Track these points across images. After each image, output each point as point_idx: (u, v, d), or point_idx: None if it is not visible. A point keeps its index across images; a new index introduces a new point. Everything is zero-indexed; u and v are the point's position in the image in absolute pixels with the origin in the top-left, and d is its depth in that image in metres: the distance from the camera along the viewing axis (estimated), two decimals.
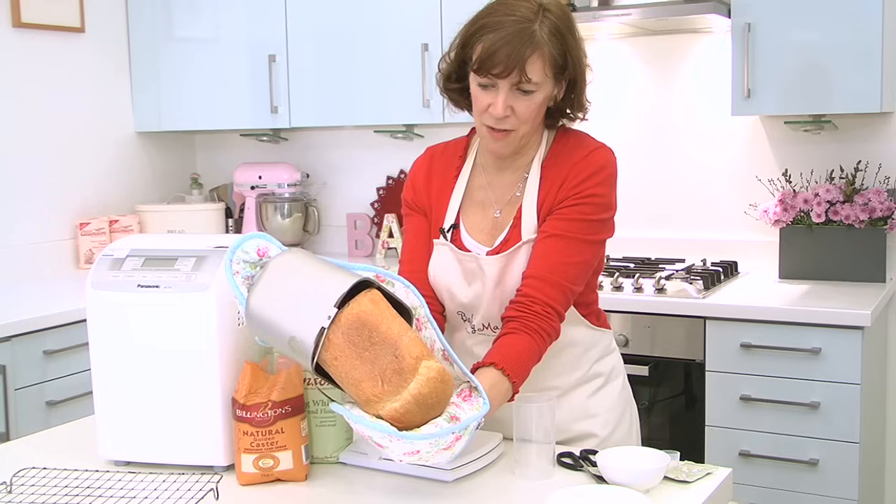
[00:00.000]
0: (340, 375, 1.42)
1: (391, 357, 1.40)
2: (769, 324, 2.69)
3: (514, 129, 1.69)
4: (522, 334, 1.63)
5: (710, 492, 1.47)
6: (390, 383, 1.40)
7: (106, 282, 1.61)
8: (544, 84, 1.66)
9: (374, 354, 1.40)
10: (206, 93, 3.81)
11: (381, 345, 1.40)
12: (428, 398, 1.39)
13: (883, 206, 2.96)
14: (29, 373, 2.81)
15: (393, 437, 1.36)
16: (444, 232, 1.79)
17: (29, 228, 3.54)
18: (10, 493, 1.49)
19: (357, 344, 1.40)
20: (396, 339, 1.41)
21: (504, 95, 1.65)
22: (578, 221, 1.70)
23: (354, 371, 1.41)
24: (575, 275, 1.70)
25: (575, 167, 1.71)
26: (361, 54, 3.53)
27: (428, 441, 1.37)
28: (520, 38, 1.61)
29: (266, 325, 1.45)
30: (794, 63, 2.88)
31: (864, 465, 2.70)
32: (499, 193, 1.78)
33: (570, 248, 1.69)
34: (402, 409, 1.38)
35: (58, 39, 3.63)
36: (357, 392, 1.42)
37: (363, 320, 1.41)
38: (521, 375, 1.61)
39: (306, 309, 1.42)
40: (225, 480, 1.53)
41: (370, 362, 1.40)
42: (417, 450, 1.38)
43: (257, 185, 3.98)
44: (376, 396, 1.40)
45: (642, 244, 3.42)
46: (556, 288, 1.66)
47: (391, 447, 1.38)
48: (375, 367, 1.40)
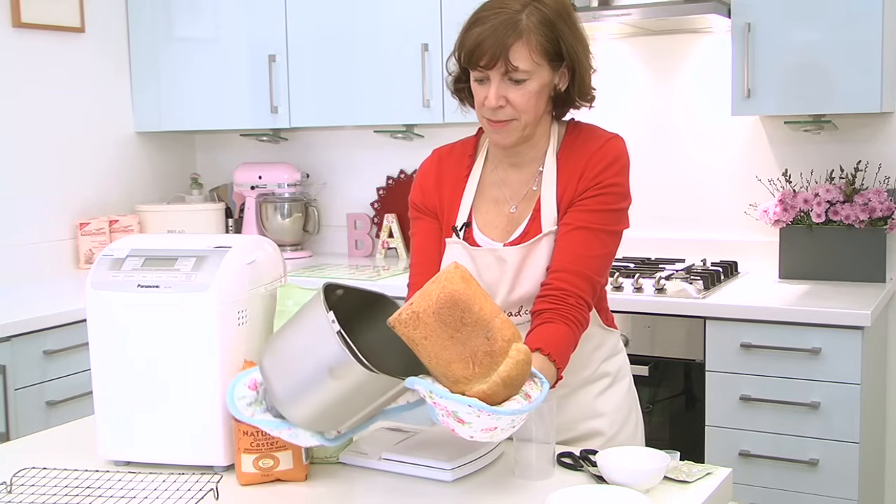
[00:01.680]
0: (430, 355, 1.39)
1: (483, 338, 1.38)
2: (769, 324, 2.69)
3: (514, 119, 1.70)
4: (560, 324, 1.64)
5: (710, 492, 1.47)
6: (481, 365, 1.38)
7: (106, 282, 1.61)
8: (536, 72, 1.67)
9: (467, 335, 1.38)
10: (206, 93, 3.81)
11: (474, 326, 1.38)
12: (515, 380, 1.40)
13: (883, 206, 2.96)
14: (29, 373, 2.81)
15: (483, 412, 1.36)
16: (457, 230, 1.79)
17: (29, 228, 3.54)
18: (10, 493, 1.49)
19: (449, 324, 1.38)
20: (489, 320, 1.40)
21: (496, 86, 1.67)
22: (601, 212, 1.72)
23: (445, 352, 1.38)
24: (600, 266, 1.72)
25: (592, 158, 1.73)
26: (361, 54, 3.53)
27: (511, 417, 1.38)
28: (503, 28, 1.64)
29: (319, 408, 1.42)
30: (794, 63, 2.88)
31: (864, 465, 2.70)
32: (514, 189, 1.79)
33: (595, 239, 1.71)
34: (489, 391, 1.38)
35: (58, 39, 3.63)
36: (446, 372, 1.39)
37: (456, 299, 1.38)
38: (564, 361, 1.63)
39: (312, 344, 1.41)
40: (225, 480, 1.53)
41: (462, 343, 1.38)
42: (496, 426, 1.38)
43: (257, 185, 3.99)
44: (466, 378, 1.38)
45: (642, 244, 3.42)
46: (585, 280, 1.68)
47: (475, 423, 1.37)
48: (467, 348, 1.38)
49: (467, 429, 1.38)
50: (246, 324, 1.60)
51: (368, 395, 1.42)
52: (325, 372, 1.38)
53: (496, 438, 1.42)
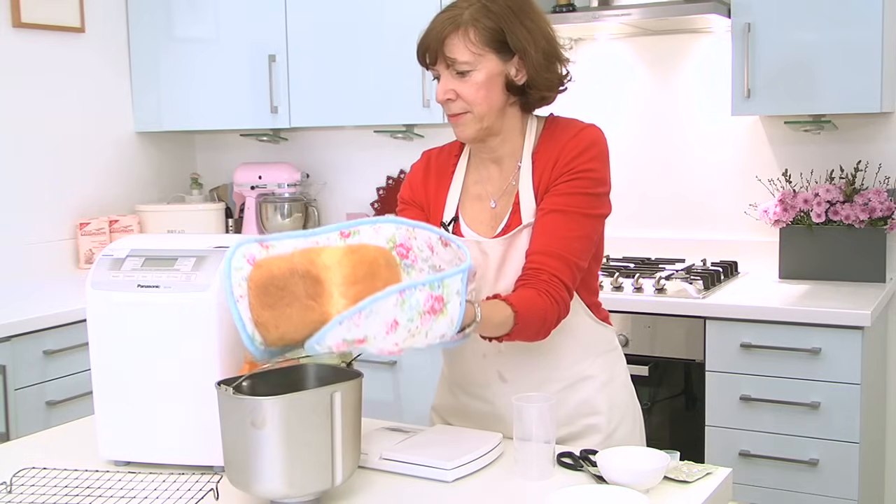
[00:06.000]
0: (287, 331, 1.38)
1: (298, 280, 1.37)
2: (769, 324, 2.69)
3: (468, 112, 1.72)
4: (529, 289, 1.64)
5: (710, 492, 1.47)
6: (320, 295, 1.36)
7: (106, 282, 1.61)
8: (478, 63, 1.68)
9: (290, 292, 1.37)
10: (206, 93, 3.81)
11: (284, 280, 1.37)
12: (357, 271, 1.36)
13: (883, 206, 2.96)
14: (29, 373, 2.81)
15: (360, 313, 1.28)
16: (445, 225, 1.81)
17: (29, 228, 3.54)
18: (10, 493, 1.49)
19: (274, 301, 1.37)
20: (289, 267, 1.38)
21: (444, 81, 1.72)
22: (576, 195, 1.71)
23: (291, 318, 1.37)
24: (578, 249, 1.70)
25: (566, 146, 1.73)
26: (361, 54, 3.53)
27: (396, 300, 1.30)
28: (441, 24, 1.69)
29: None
30: (794, 63, 2.88)
31: (864, 465, 2.70)
32: (495, 185, 1.81)
33: (571, 222, 1.70)
34: (349, 301, 1.34)
35: (58, 39, 3.63)
36: (306, 326, 1.36)
37: (258, 283, 1.38)
38: (526, 310, 1.59)
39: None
40: (225, 480, 1.52)
41: (294, 299, 1.37)
42: (395, 319, 1.32)
43: (257, 185, 3.98)
44: (321, 315, 1.35)
45: (642, 244, 3.42)
46: (560, 261, 1.67)
47: (368, 332, 1.31)
48: (298, 297, 1.37)
49: (371, 345, 1.33)
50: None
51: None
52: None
53: (428, 339, 1.37)
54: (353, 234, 1.50)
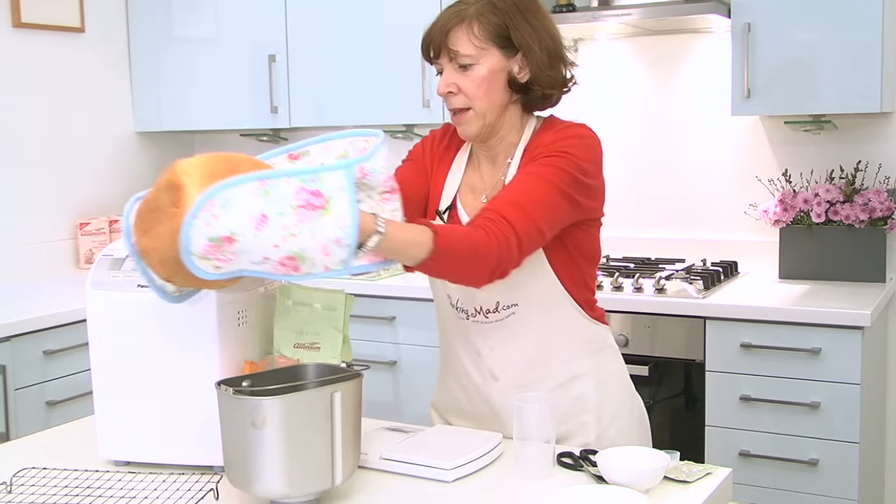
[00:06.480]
0: (161, 249, 1.34)
1: (164, 194, 1.34)
2: (769, 324, 2.69)
3: (469, 108, 1.71)
4: (470, 225, 1.60)
5: (710, 492, 1.47)
6: (181, 200, 1.31)
7: (106, 282, 1.61)
8: (482, 56, 1.68)
9: (158, 210, 1.35)
10: (206, 93, 3.81)
11: (154, 201, 1.35)
12: (216, 167, 1.31)
13: (883, 206, 2.96)
14: (29, 373, 2.81)
15: (212, 201, 1.25)
16: (441, 214, 1.81)
17: (29, 228, 3.54)
18: (10, 493, 1.49)
19: (149, 226, 1.35)
20: (156, 186, 1.36)
21: (446, 74, 1.72)
22: (549, 166, 1.66)
23: (163, 235, 1.33)
24: (538, 205, 1.61)
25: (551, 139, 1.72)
26: (361, 54, 3.53)
27: (255, 188, 1.27)
28: (446, 18, 1.70)
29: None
30: (794, 63, 2.88)
31: (864, 465, 2.70)
32: (487, 181, 1.81)
33: (536, 181, 1.64)
34: (187, 201, 1.29)
35: (58, 39, 3.63)
36: (174, 237, 1.30)
37: (136, 214, 1.38)
38: (448, 237, 1.51)
39: None
40: (225, 480, 1.52)
41: (161, 213, 1.34)
42: (262, 212, 1.28)
43: None
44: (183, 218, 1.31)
45: (642, 244, 3.42)
46: (515, 207, 1.59)
47: (234, 227, 1.27)
48: (164, 211, 1.33)
49: (248, 241, 1.28)
50: (246, 324, 1.60)
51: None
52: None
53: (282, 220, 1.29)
54: (303, 156, 1.47)
